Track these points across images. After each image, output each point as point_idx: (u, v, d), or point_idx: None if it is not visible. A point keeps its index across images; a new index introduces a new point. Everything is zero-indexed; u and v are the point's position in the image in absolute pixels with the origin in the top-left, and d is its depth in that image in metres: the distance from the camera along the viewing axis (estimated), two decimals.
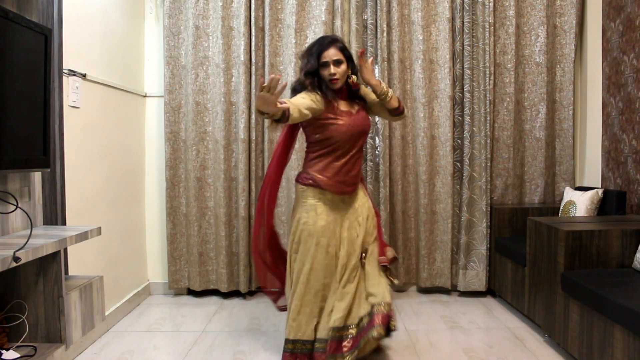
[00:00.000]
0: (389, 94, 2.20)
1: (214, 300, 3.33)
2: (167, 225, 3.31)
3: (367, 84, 2.20)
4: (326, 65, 2.12)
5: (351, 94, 2.26)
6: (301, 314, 2.18)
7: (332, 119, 2.15)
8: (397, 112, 2.26)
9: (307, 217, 2.18)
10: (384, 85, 2.20)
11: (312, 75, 2.14)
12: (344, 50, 2.17)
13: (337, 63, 2.12)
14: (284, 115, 1.93)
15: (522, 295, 2.85)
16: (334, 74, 2.12)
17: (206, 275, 3.34)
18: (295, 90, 2.19)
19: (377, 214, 2.42)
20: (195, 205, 3.27)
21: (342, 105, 2.21)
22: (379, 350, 2.44)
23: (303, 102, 2.04)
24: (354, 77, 2.20)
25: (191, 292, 3.45)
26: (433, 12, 3.27)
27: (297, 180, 2.27)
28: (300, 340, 2.18)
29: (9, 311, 1.78)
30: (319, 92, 2.13)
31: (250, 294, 3.42)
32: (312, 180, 2.19)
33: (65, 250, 2.13)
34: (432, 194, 3.33)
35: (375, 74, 3.25)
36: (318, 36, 3.18)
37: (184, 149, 3.29)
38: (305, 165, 2.28)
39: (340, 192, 2.21)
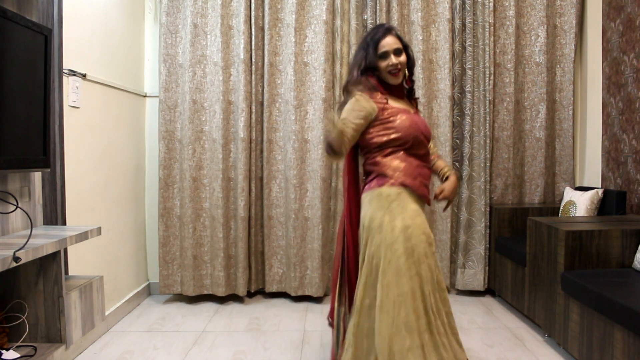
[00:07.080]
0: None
1: (209, 304, 3.25)
2: (160, 227, 3.23)
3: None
4: (386, 55, 1.84)
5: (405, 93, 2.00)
6: None
7: (392, 115, 1.84)
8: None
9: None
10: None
11: (371, 70, 1.85)
12: (402, 39, 1.90)
13: (397, 52, 1.85)
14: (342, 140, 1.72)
15: (522, 295, 2.85)
16: (396, 64, 1.84)
17: (200, 279, 3.23)
18: (346, 91, 1.87)
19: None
20: (190, 206, 3.20)
21: (397, 103, 1.90)
22: None
23: (354, 115, 1.79)
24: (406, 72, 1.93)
25: (183, 299, 3.31)
26: (433, 12, 3.27)
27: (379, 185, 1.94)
28: None
29: (9, 311, 1.78)
30: (366, 93, 1.83)
31: (249, 295, 3.40)
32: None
33: (65, 250, 2.13)
34: (431, 193, 3.31)
35: None
36: (318, 35, 3.20)
37: (180, 149, 3.24)
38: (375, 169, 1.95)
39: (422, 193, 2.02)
